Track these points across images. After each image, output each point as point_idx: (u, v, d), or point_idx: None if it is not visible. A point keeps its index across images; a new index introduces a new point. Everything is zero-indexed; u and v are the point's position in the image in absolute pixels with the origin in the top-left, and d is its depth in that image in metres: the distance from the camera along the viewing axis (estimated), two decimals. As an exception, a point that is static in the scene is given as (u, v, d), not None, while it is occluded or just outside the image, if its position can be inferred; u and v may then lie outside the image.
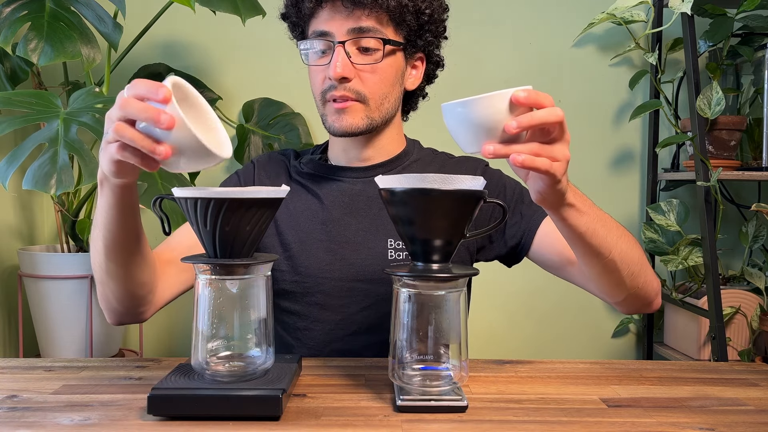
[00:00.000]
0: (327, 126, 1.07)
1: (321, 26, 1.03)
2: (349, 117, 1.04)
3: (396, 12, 1.02)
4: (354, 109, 1.04)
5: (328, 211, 1.08)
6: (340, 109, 1.03)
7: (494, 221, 0.78)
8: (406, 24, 1.04)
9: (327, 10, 1.02)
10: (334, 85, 1.02)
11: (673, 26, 1.63)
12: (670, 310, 1.75)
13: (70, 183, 1.13)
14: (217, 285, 0.73)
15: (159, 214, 0.74)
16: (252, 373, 0.73)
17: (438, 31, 1.11)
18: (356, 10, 1.00)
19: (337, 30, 1.01)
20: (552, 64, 1.81)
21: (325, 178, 1.11)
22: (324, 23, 1.02)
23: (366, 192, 1.10)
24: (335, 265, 1.05)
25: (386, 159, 1.12)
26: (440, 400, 0.71)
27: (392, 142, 1.13)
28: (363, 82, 1.03)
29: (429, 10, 1.05)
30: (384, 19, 1.02)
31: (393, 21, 1.03)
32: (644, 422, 0.70)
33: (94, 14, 1.39)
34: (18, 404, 0.74)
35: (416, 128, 1.33)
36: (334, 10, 1.01)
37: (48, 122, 1.22)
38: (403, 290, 0.73)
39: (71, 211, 1.50)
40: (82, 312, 1.46)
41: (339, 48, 1.01)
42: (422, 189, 0.68)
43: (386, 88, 1.05)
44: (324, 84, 1.04)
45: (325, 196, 1.10)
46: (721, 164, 1.57)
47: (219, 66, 1.78)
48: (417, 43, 1.08)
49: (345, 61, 1.01)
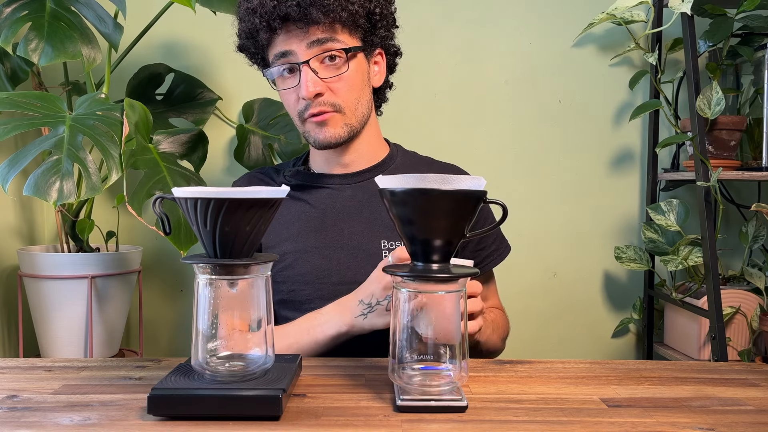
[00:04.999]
0: (311, 141, 1.10)
1: (281, 47, 1.06)
2: (330, 128, 1.07)
3: (349, 20, 1.05)
4: (333, 120, 1.07)
5: (321, 218, 1.10)
6: (321, 122, 1.07)
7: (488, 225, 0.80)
8: (360, 27, 1.08)
9: (283, 33, 1.05)
10: (309, 103, 1.05)
11: (673, 26, 1.63)
12: (670, 310, 1.75)
13: (71, 193, 1.13)
14: (217, 285, 0.73)
15: (159, 214, 0.74)
16: (252, 373, 0.73)
17: (390, 24, 1.14)
18: (311, 27, 1.03)
19: (297, 48, 1.04)
20: (552, 64, 1.81)
21: (313, 187, 1.14)
22: (283, 44, 1.06)
23: (356, 196, 1.12)
24: (332, 270, 1.06)
25: (372, 164, 1.15)
26: (440, 400, 0.71)
27: (372, 144, 1.16)
28: (335, 93, 1.06)
29: (378, 8, 1.09)
30: (338, 29, 1.05)
31: (347, 28, 1.06)
32: (644, 422, 0.70)
33: (94, 14, 1.38)
34: (18, 404, 0.74)
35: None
36: (289, 32, 1.04)
37: (53, 127, 1.21)
38: (403, 290, 0.73)
39: (71, 211, 1.50)
40: (82, 312, 1.46)
41: (305, 68, 1.04)
42: (422, 189, 0.69)
43: (357, 93, 1.09)
44: (299, 104, 1.08)
45: (316, 204, 1.12)
46: (721, 164, 1.57)
47: (219, 66, 1.78)
48: (374, 41, 1.11)
49: (314, 78, 1.04)
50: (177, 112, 1.68)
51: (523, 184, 1.83)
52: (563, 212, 1.83)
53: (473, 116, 1.81)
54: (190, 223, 0.71)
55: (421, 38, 1.79)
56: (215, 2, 1.45)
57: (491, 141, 1.82)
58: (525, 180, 1.83)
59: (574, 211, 1.83)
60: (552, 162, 1.83)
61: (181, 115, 1.68)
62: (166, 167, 1.32)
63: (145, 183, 1.27)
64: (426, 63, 1.79)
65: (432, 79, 1.80)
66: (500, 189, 1.80)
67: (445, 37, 1.80)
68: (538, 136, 1.82)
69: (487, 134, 1.82)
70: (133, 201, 1.24)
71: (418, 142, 1.34)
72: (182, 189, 0.70)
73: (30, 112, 1.23)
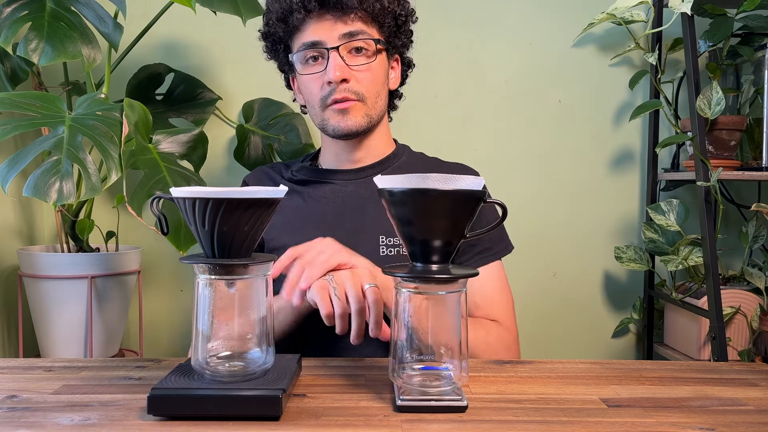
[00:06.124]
0: (330, 129, 1.11)
1: (310, 37, 1.07)
2: (351, 116, 1.08)
3: (380, 14, 1.08)
4: (355, 108, 1.08)
5: (321, 214, 1.11)
6: (343, 110, 1.09)
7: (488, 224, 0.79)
8: (387, 26, 1.11)
9: (314, 20, 1.07)
10: (334, 89, 1.07)
11: (673, 26, 1.63)
12: (670, 310, 1.75)
13: (71, 194, 1.13)
14: (217, 285, 0.73)
15: (157, 214, 0.74)
16: (252, 373, 0.73)
17: (410, 33, 1.18)
18: (343, 16, 1.05)
19: (327, 37, 1.06)
20: (552, 64, 1.81)
21: (318, 182, 1.16)
22: (313, 33, 1.07)
23: (358, 192, 1.13)
24: None
25: (376, 160, 1.16)
26: (440, 400, 0.71)
27: (381, 143, 1.18)
28: (359, 83, 1.08)
29: (404, 12, 1.13)
30: (368, 21, 1.08)
31: (376, 22, 1.09)
32: (644, 422, 0.70)
33: (94, 14, 1.39)
34: (18, 404, 0.74)
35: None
36: (321, 19, 1.06)
37: (53, 128, 1.21)
38: (403, 290, 0.73)
39: (71, 211, 1.50)
40: (82, 312, 1.46)
41: (334, 53, 1.06)
42: (422, 189, 0.68)
43: (378, 86, 1.12)
44: (323, 90, 1.09)
45: (318, 199, 1.13)
46: (721, 164, 1.56)
47: (219, 66, 1.78)
48: (396, 44, 1.15)
49: (341, 64, 1.06)
50: (177, 112, 1.68)
51: (523, 184, 1.83)
52: (563, 212, 1.83)
53: (473, 116, 1.81)
54: (188, 223, 0.71)
55: (421, 38, 1.78)
56: (215, 2, 1.45)
57: (491, 141, 1.82)
58: (525, 180, 1.83)
59: (574, 211, 1.83)
60: (552, 162, 1.83)
61: (181, 115, 1.68)
62: (166, 167, 1.32)
63: (144, 183, 1.27)
64: (426, 63, 1.79)
65: (432, 79, 1.80)
66: (500, 189, 1.80)
67: (445, 37, 1.80)
68: (538, 135, 1.82)
69: (487, 134, 1.82)
70: (132, 201, 1.24)
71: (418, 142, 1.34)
72: (180, 189, 0.70)
73: (30, 112, 1.23)
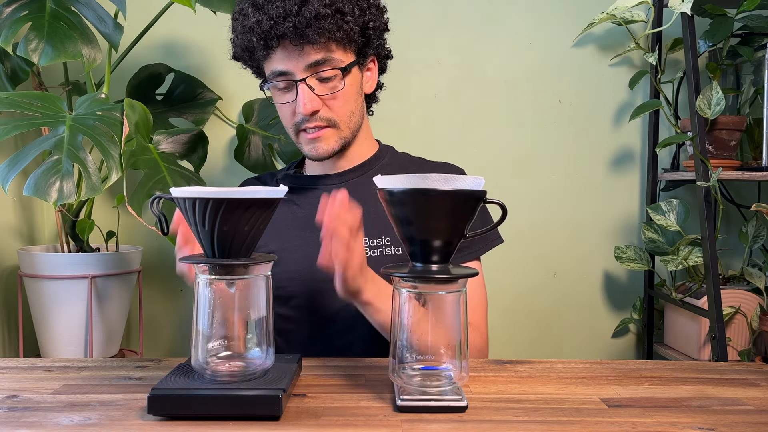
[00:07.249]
0: (304, 153, 1.14)
1: (278, 66, 1.07)
2: (323, 144, 1.10)
3: (344, 39, 1.06)
4: (327, 136, 1.09)
5: (306, 218, 1.13)
6: (315, 138, 1.09)
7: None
8: (355, 42, 1.09)
9: (279, 50, 1.06)
10: (306, 118, 1.08)
11: (673, 26, 1.63)
12: (670, 310, 1.75)
13: (71, 194, 1.13)
14: (217, 285, 0.73)
15: (157, 214, 0.74)
16: (252, 373, 0.73)
17: (382, 32, 1.15)
18: (306, 46, 1.04)
19: (294, 68, 1.06)
20: (552, 64, 1.81)
21: (303, 189, 1.18)
22: (280, 63, 1.07)
23: None
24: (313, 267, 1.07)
25: (358, 163, 1.17)
26: (440, 400, 0.71)
27: (362, 147, 1.20)
28: (331, 109, 1.08)
29: (371, 22, 1.10)
30: (333, 47, 1.06)
31: (342, 46, 1.07)
32: (644, 422, 0.70)
33: (94, 14, 1.38)
34: (18, 404, 0.74)
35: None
36: (286, 51, 1.06)
37: (53, 127, 1.21)
38: (402, 290, 0.73)
39: (71, 211, 1.50)
40: (83, 312, 1.46)
41: (302, 85, 1.06)
42: (422, 189, 0.68)
43: (351, 105, 1.11)
44: (294, 118, 1.10)
45: (302, 205, 1.15)
46: (721, 164, 1.56)
47: (219, 66, 1.78)
48: (368, 53, 1.13)
49: (310, 96, 1.06)
50: (177, 112, 1.68)
51: (523, 184, 1.83)
52: (563, 212, 1.83)
53: (473, 116, 1.81)
54: (188, 223, 0.71)
55: (421, 38, 1.79)
56: (215, 2, 1.45)
57: (491, 141, 1.82)
58: (525, 180, 1.83)
59: (574, 211, 1.83)
60: (552, 162, 1.83)
61: (181, 115, 1.68)
62: (166, 167, 1.32)
63: (145, 183, 1.27)
64: (426, 63, 1.79)
65: (432, 79, 1.80)
66: (500, 189, 1.80)
67: (445, 37, 1.80)
68: (538, 135, 1.82)
69: (486, 134, 1.82)
70: (133, 201, 1.24)
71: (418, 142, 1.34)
72: (180, 189, 0.70)
73: (30, 112, 1.23)
